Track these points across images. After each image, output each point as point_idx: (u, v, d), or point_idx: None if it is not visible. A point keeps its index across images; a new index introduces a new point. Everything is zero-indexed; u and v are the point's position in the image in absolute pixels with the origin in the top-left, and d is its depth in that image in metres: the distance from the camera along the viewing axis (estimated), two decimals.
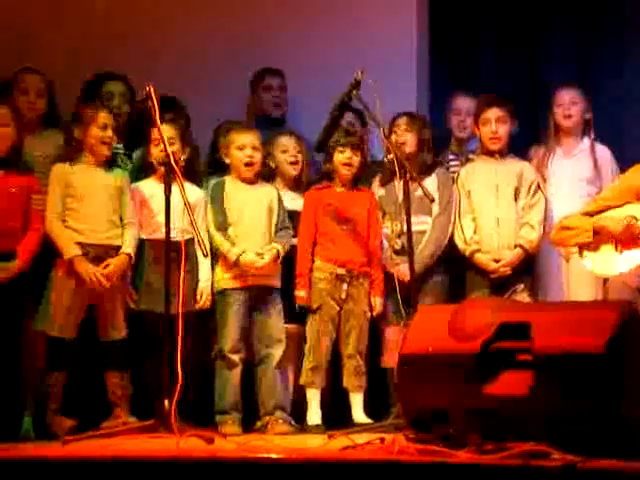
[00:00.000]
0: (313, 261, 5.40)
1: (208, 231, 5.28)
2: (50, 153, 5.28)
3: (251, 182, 5.39)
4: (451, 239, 5.54)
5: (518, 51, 6.61)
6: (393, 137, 5.41)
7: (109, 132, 5.10)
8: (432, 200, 5.09)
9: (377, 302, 5.39)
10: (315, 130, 5.49)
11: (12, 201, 4.99)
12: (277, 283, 5.33)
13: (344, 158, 5.44)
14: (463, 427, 3.48)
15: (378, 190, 5.60)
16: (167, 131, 5.04)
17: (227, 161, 5.42)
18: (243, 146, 5.34)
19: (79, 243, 4.99)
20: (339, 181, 5.49)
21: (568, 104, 5.69)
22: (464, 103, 5.97)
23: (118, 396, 5.04)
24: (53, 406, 4.97)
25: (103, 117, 5.09)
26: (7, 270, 4.91)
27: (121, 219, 5.12)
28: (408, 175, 4.91)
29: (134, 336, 5.12)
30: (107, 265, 4.99)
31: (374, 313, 5.39)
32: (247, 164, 5.34)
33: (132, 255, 5.08)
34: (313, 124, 5.55)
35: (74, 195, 5.05)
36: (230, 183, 5.39)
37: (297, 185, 5.62)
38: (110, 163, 5.19)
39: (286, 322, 5.36)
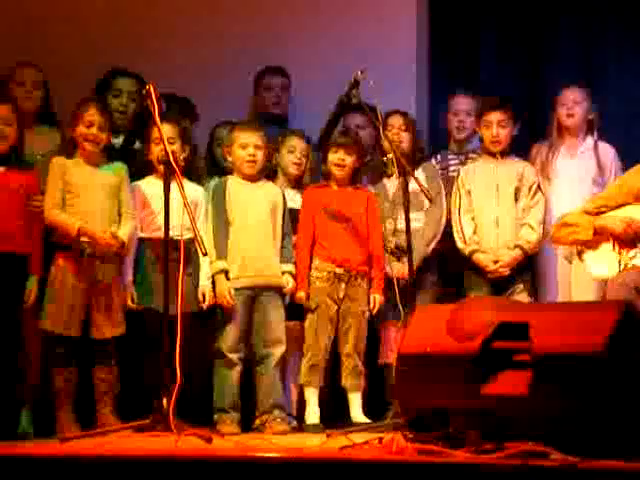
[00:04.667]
0: (311, 260, 5.40)
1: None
2: (46, 151, 5.28)
3: (253, 180, 5.39)
4: (447, 237, 5.55)
5: (518, 51, 6.60)
6: (389, 135, 5.42)
7: (93, 130, 5.03)
8: (430, 199, 5.09)
9: (377, 300, 5.38)
10: (316, 130, 5.51)
11: (12, 199, 4.97)
12: (278, 282, 5.32)
13: (336, 158, 5.44)
14: (462, 427, 3.48)
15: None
16: (168, 130, 5.03)
17: (229, 159, 5.41)
18: (246, 144, 5.34)
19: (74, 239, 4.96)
20: (334, 181, 5.49)
21: (571, 103, 5.70)
22: (463, 104, 5.95)
23: (102, 392, 4.99)
24: (61, 406, 4.92)
25: (90, 115, 5.04)
26: (29, 295, 4.96)
27: (119, 215, 5.09)
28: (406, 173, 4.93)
29: (135, 334, 5.10)
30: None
31: (373, 311, 5.39)
32: (248, 162, 5.34)
33: (126, 242, 5.02)
34: (314, 124, 5.56)
35: (71, 191, 5.02)
36: (232, 181, 5.38)
37: (298, 185, 5.61)
38: (109, 159, 5.16)
39: (289, 319, 5.36)
